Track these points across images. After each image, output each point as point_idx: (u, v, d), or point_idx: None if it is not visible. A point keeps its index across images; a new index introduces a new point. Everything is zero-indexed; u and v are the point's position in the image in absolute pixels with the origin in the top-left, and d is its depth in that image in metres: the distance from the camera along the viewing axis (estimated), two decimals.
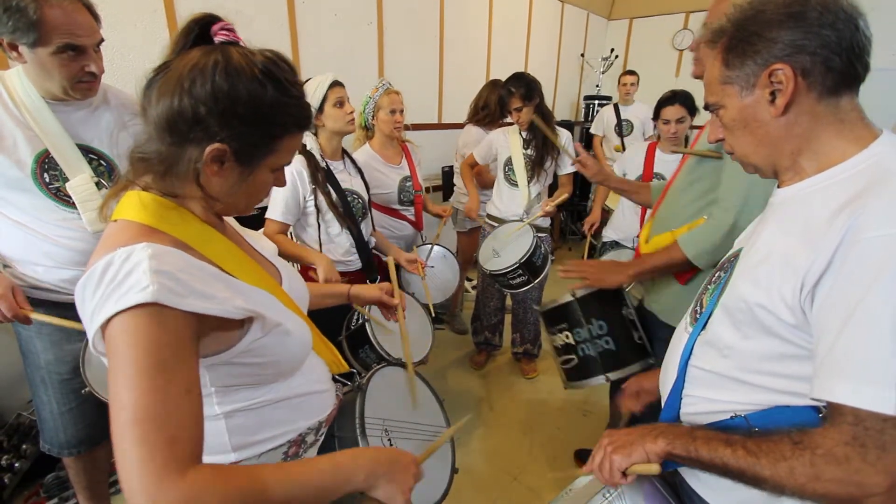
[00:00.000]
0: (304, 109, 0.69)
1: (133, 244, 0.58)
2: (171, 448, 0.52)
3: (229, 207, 0.72)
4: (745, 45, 0.68)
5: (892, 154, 0.62)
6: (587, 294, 1.48)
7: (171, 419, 0.53)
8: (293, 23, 2.51)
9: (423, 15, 3.31)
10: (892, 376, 0.53)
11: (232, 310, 0.63)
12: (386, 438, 0.91)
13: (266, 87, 0.63)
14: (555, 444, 2.18)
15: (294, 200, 1.65)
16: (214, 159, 0.63)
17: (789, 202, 0.71)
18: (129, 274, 0.56)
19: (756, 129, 0.70)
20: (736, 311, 0.71)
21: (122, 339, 0.54)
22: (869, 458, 0.54)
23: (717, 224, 1.19)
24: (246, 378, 0.72)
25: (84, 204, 1.20)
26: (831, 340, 0.57)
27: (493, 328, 2.74)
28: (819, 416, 0.64)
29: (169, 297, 0.56)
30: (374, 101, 2.08)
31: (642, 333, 1.46)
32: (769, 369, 0.69)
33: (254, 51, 0.65)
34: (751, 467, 0.61)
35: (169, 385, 0.55)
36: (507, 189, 2.48)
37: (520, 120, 2.30)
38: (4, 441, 1.72)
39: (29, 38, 1.06)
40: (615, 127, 3.93)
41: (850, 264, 0.56)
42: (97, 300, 0.56)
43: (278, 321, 0.71)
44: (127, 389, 0.53)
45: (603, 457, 0.77)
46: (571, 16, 4.98)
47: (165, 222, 0.64)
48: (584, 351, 1.48)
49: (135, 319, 0.55)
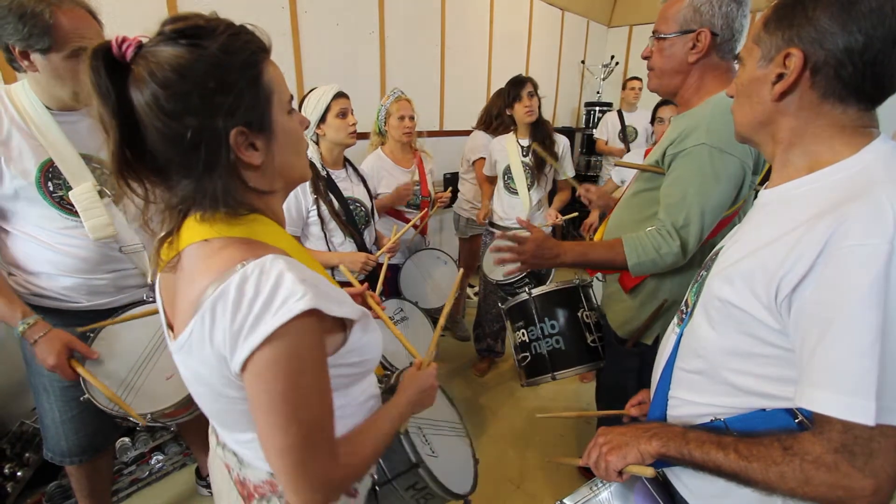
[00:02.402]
0: (248, 34, 0.61)
1: (254, 258, 0.57)
2: (330, 441, 0.63)
3: (293, 174, 0.68)
4: (788, 12, 0.64)
5: (880, 162, 0.61)
6: (545, 293, 1.54)
7: (325, 416, 0.62)
8: (296, 32, 2.53)
9: (425, 24, 3.34)
10: (872, 387, 0.53)
11: (357, 312, 0.66)
12: (421, 434, 1.00)
13: (203, 48, 0.55)
14: (557, 452, 2.17)
15: (297, 210, 1.67)
16: (244, 146, 0.59)
17: (774, 203, 0.70)
18: (276, 286, 0.55)
19: (755, 104, 0.69)
20: (712, 308, 0.72)
21: (286, 349, 0.55)
22: (857, 464, 0.56)
23: (664, 243, 1.13)
24: (343, 380, 0.72)
25: (86, 212, 1.20)
26: (811, 349, 0.58)
27: (494, 335, 2.74)
28: (795, 420, 0.64)
29: (322, 304, 0.57)
30: (386, 108, 2.18)
31: (597, 336, 1.48)
32: (742, 368, 0.69)
33: (156, 37, 0.56)
34: (743, 471, 0.63)
35: (323, 387, 0.61)
36: (508, 197, 2.50)
37: (531, 108, 2.32)
38: (7, 449, 1.73)
39: (44, 43, 1.08)
40: (619, 133, 3.94)
41: (830, 273, 0.56)
42: (245, 319, 0.54)
43: (371, 320, 0.74)
44: (292, 398, 0.57)
45: (598, 456, 0.77)
46: (572, 23, 5.01)
47: (259, 233, 0.62)
48: (536, 349, 1.52)
49: (296, 330, 0.55)
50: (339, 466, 0.64)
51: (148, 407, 1.14)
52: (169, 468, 1.94)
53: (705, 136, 1.08)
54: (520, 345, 1.59)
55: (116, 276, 1.32)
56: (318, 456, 0.61)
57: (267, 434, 0.59)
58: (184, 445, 1.99)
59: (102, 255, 1.27)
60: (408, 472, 0.88)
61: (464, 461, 1.09)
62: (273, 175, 0.65)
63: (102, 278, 1.29)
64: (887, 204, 0.55)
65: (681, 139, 1.13)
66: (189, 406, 1.19)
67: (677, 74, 1.17)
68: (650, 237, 1.14)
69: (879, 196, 0.56)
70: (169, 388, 1.17)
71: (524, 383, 1.59)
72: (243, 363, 0.55)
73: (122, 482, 1.82)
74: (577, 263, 1.25)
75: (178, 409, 1.18)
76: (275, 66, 0.64)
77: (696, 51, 1.12)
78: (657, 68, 1.20)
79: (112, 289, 1.32)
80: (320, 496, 0.62)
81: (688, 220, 1.11)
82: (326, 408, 0.62)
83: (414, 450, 0.87)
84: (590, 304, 1.55)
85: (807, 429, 0.62)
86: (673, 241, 1.11)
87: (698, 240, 1.12)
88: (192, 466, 1.96)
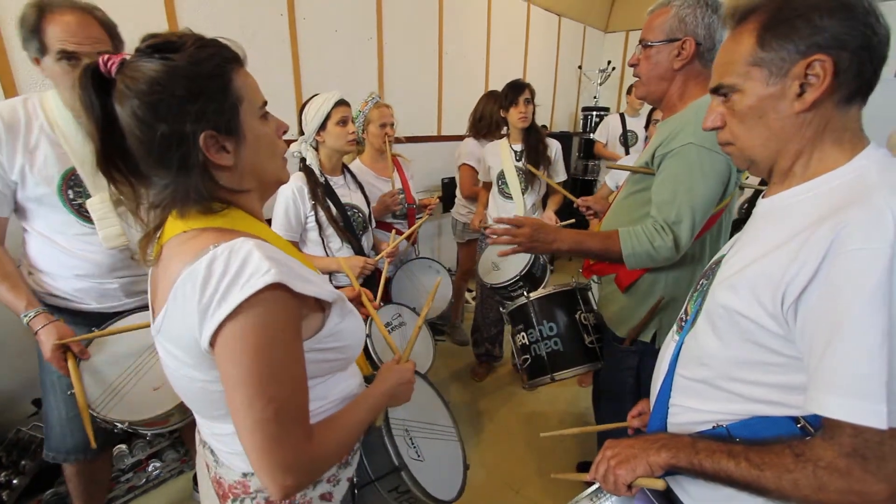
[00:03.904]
0: (218, 46, 0.64)
1: (224, 242, 0.60)
2: (303, 420, 0.63)
3: (265, 176, 0.71)
4: (788, 26, 0.62)
5: (874, 167, 0.62)
6: (543, 296, 1.57)
7: (297, 394, 0.62)
8: (294, 38, 2.55)
9: (423, 29, 3.36)
10: (882, 390, 0.53)
11: (328, 292, 0.67)
12: (408, 437, 0.99)
13: (173, 61, 0.59)
14: (557, 457, 2.17)
15: (295, 216, 1.67)
16: (214, 148, 0.63)
17: (773, 211, 0.71)
18: (244, 263, 0.58)
19: (772, 122, 0.66)
20: (716, 318, 0.72)
21: (253, 322, 0.57)
22: (870, 469, 0.55)
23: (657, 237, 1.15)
24: (323, 366, 0.73)
25: (101, 221, 1.24)
26: (819, 354, 0.58)
27: (492, 339, 2.74)
28: (798, 426, 0.64)
29: (289, 279, 0.59)
30: (365, 115, 2.10)
31: (594, 338, 1.49)
32: (747, 377, 0.69)
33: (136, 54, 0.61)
34: (756, 480, 0.62)
35: (295, 364, 0.61)
36: (502, 201, 2.51)
37: (525, 115, 2.33)
38: (3, 457, 1.72)
39: (35, 47, 1.11)
40: (620, 137, 3.96)
41: (834, 277, 0.57)
42: (213, 295, 0.57)
43: (349, 304, 0.75)
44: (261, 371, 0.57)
45: (606, 470, 0.76)
46: (568, 29, 5.04)
47: (234, 224, 0.66)
48: (535, 351, 1.55)
49: (262, 304, 0.57)
50: (311, 447, 0.63)
51: (127, 415, 1.13)
52: (166, 475, 1.93)
53: (692, 135, 1.12)
54: (520, 347, 1.62)
55: (126, 282, 1.35)
56: (290, 434, 0.60)
57: (238, 411, 0.59)
58: (181, 452, 1.98)
59: (114, 261, 1.31)
60: (390, 475, 0.88)
61: (452, 466, 1.09)
62: (244, 175, 0.68)
63: (113, 283, 1.33)
64: (886, 208, 0.56)
65: (668, 140, 1.17)
66: (167, 420, 1.18)
67: (662, 81, 1.23)
68: (645, 230, 1.17)
69: (877, 200, 0.57)
70: (153, 400, 1.16)
71: (526, 385, 1.61)
72: (211, 338, 0.58)
73: (119, 489, 1.82)
74: (573, 251, 1.26)
75: (156, 421, 1.16)
76: (247, 74, 0.68)
77: (680, 58, 1.18)
78: (644, 75, 1.26)
79: (121, 293, 1.35)
80: (291, 478, 0.61)
81: (679, 216, 1.14)
82: (298, 386, 0.63)
83: (397, 452, 0.88)
84: (587, 306, 1.56)
85: (809, 434, 0.62)
86: (667, 235, 1.15)
87: (690, 235, 1.15)
88: (189, 473, 1.95)
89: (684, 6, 1.15)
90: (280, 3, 2.45)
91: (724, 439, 0.69)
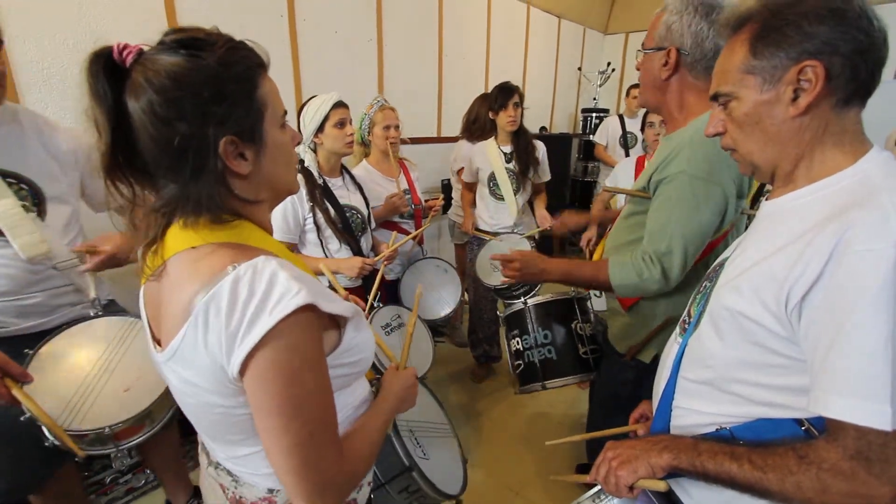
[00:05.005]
0: (248, 50, 0.63)
1: (245, 260, 0.57)
2: (336, 439, 0.64)
3: (279, 186, 0.69)
4: (779, 34, 0.64)
5: (879, 170, 0.63)
6: (540, 303, 1.56)
7: (328, 413, 0.62)
8: (294, 40, 2.55)
9: (423, 31, 3.36)
10: (886, 390, 0.53)
11: (350, 309, 0.67)
12: (413, 438, 1.00)
13: (202, 59, 0.57)
14: (556, 458, 2.17)
15: (293, 218, 1.67)
16: (233, 155, 0.60)
17: (777, 213, 0.71)
18: (271, 285, 0.56)
19: (769, 127, 0.68)
20: (720, 319, 0.72)
21: (286, 346, 0.56)
22: (874, 471, 0.55)
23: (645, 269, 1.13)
24: (341, 380, 0.72)
25: (13, 230, 1.11)
26: (823, 355, 0.58)
27: (489, 339, 2.75)
28: (802, 428, 0.64)
29: (316, 299, 0.57)
30: (370, 118, 2.10)
31: (589, 349, 1.49)
32: (751, 379, 0.69)
33: (157, 46, 0.58)
34: (759, 482, 0.62)
35: (325, 383, 0.61)
36: (493, 203, 2.52)
37: (514, 119, 2.35)
38: None
39: None
40: (620, 139, 3.96)
41: (839, 278, 0.57)
42: (241, 320, 0.54)
43: (363, 317, 0.74)
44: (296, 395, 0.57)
45: (608, 471, 0.76)
46: (568, 30, 5.05)
47: (246, 237, 0.63)
48: (529, 358, 1.56)
49: (294, 326, 0.56)
50: (344, 464, 0.64)
51: (103, 421, 1.06)
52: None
53: (686, 163, 1.08)
54: (515, 353, 1.62)
55: (48, 295, 1.22)
56: (325, 454, 0.61)
57: (271, 436, 0.58)
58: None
59: (31, 273, 1.18)
60: (401, 476, 0.89)
61: (453, 462, 1.11)
62: (259, 185, 0.66)
63: (33, 296, 1.20)
64: (891, 209, 0.56)
65: (664, 165, 1.13)
66: (142, 425, 1.12)
67: (655, 90, 1.19)
68: (633, 261, 1.15)
69: (883, 202, 0.57)
70: (128, 400, 1.09)
71: (517, 391, 1.61)
72: (241, 365, 0.55)
73: (118, 491, 1.81)
74: (563, 281, 1.28)
75: (133, 427, 1.10)
76: (271, 81, 0.65)
77: (666, 68, 1.13)
78: (641, 82, 1.24)
79: (45, 308, 1.23)
80: (329, 497, 0.61)
81: (669, 248, 1.10)
82: (329, 405, 0.62)
83: (407, 453, 0.89)
84: (585, 316, 1.56)
85: (814, 436, 0.62)
86: (654, 267, 1.11)
87: (682, 267, 1.11)
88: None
89: (672, 13, 1.10)
90: (280, 5, 2.46)
91: (727, 441, 0.69)
